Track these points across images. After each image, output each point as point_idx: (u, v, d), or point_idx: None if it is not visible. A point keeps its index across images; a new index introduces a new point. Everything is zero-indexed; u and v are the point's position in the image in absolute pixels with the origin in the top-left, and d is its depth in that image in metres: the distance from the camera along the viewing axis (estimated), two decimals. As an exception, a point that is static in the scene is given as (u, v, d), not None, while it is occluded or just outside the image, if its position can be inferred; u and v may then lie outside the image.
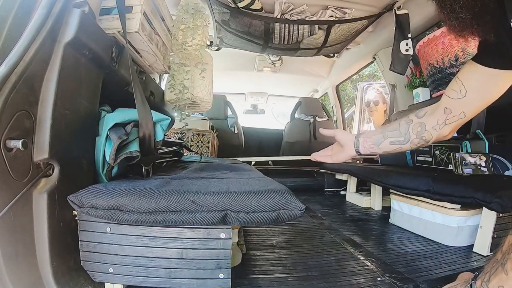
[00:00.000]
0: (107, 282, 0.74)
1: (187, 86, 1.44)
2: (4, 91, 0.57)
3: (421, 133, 0.82)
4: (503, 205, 0.97)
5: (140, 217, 0.67)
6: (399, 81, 2.40)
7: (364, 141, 0.89)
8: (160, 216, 0.67)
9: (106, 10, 0.97)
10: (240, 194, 0.70)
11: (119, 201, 0.66)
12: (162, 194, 0.69)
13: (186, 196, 0.69)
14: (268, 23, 2.04)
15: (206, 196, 0.69)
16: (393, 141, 0.86)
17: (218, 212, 0.67)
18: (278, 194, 0.71)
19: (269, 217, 0.69)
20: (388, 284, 0.86)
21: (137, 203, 0.67)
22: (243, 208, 0.68)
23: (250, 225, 0.71)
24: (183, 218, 0.67)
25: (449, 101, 0.77)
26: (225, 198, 0.69)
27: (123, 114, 0.92)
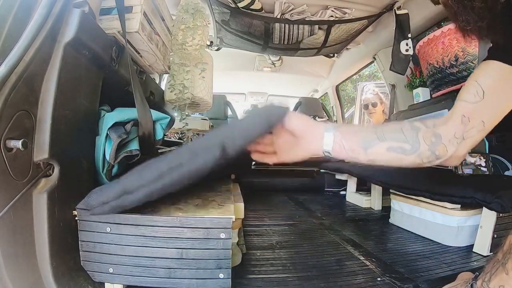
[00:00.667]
0: (107, 282, 0.74)
1: (187, 86, 1.44)
2: (4, 91, 0.57)
3: (435, 146, 0.64)
4: (503, 205, 0.97)
5: (149, 189, 0.65)
6: (399, 81, 2.40)
7: (342, 139, 0.65)
8: (166, 178, 0.65)
9: (106, 10, 0.97)
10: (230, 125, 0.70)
11: (124, 185, 0.66)
12: (160, 160, 0.68)
13: (181, 150, 0.68)
14: (268, 23, 2.04)
15: (200, 141, 0.69)
16: (393, 147, 0.65)
17: (216, 148, 0.64)
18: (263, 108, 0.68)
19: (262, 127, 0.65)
20: (388, 284, 0.86)
21: (140, 177, 0.66)
22: (237, 133, 0.65)
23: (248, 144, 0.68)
24: (187, 169, 0.65)
25: (466, 106, 0.64)
26: (218, 134, 0.68)
27: (122, 113, 0.92)
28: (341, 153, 0.65)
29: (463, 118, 0.63)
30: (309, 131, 0.66)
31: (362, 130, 0.67)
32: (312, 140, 0.66)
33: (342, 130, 0.66)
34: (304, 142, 0.67)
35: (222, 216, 0.72)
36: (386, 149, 0.64)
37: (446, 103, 1.77)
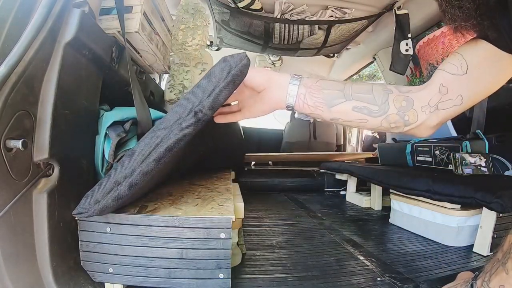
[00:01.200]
0: (107, 282, 0.74)
1: (187, 86, 1.44)
2: (4, 91, 0.57)
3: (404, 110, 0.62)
4: (503, 205, 0.98)
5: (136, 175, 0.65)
6: (399, 81, 2.40)
7: (307, 93, 0.63)
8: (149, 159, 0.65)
9: (106, 10, 0.97)
10: (195, 88, 0.67)
11: (112, 179, 0.65)
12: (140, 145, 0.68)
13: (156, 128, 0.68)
14: (268, 23, 2.05)
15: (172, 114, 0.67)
16: (359, 107, 0.62)
17: (188, 116, 0.65)
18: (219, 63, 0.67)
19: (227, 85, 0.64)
20: (388, 284, 0.86)
21: (124, 166, 0.66)
22: (202, 95, 0.65)
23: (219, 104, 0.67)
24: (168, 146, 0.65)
25: (446, 77, 0.62)
26: (186, 101, 0.66)
27: (121, 112, 0.92)
28: (304, 108, 0.63)
29: (441, 87, 0.62)
30: (272, 83, 0.64)
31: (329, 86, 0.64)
32: (275, 93, 0.64)
33: (308, 84, 0.63)
34: (266, 95, 0.65)
35: (222, 216, 0.72)
36: (352, 108, 0.62)
37: (446, 103, 1.77)
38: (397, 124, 0.62)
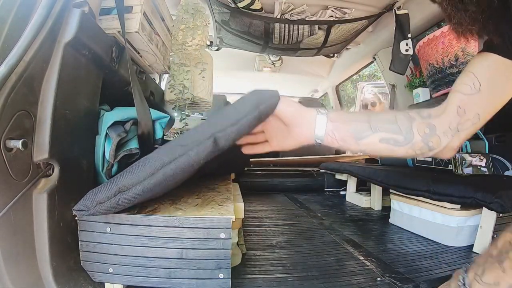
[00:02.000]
0: (107, 282, 0.74)
1: (187, 86, 1.44)
2: (4, 91, 0.57)
3: (428, 137, 0.63)
4: (503, 205, 0.98)
5: (143, 186, 0.65)
6: (399, 81, 2.40)
7: (334, 128, 0.64)
8: (159, 174, 0.65)
9: (106, 10, 0.97)
10: (219, 115, 0.68)
11: (118, 184, 0.65)
12: (152, 157, 0.68)
13: (172, 144, 0.67)
14: (268, 23, 2.05)
15: (189, 134, 0.67)
16: (386, 138, 0.64)
17: (207, 141, 0.64)
18: (251, 95, 0.67)
19: (253, 119, 0.64)
20: (388, 284, 0.86)
21: (134, 175, 0.65)
22: (227, 123, 0.65)
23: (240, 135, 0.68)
24: (180, 164, 0.65)
25: (462, 98, 0.63)
26: (208, 125, 0.67)
27: (122, 112, 0.92)
28: (333, 142, 0.65)
29: (458, 109, 0.63)
30: (300, 119, 0.65)
31: (354, 119, 0.65)
32: (304, 129, 0.66)
33: (334, 118, 0.65)
34: (295, 130, 0.66)
35: (222, 216, 0.72)
36: (379, 140, 0.63)
37: (446, 103, 1.77)
38: (422, 151, 0.65)
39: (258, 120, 0.65)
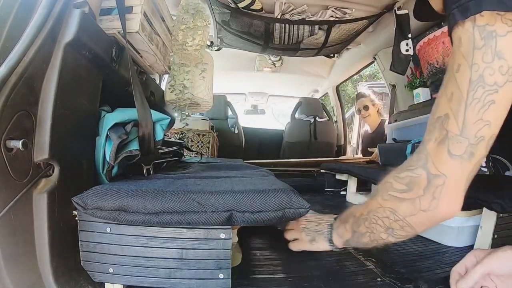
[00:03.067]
0: (107, 282, 0.74)
1: (187, 86, 1.44)
2: (4, 92, 0.57)
3: None
4: (503, 205, 0.97)
5: (145, 218, 0.67)
6: (399, 81, 2.40)
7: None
8: (165, 217, 0.67)
9: (106, 10, 0.97)
10: (245, 194, 0.70)
11: (124, 203, 0.66)
12: (167, 195, 0.69)
13: (191, 196, 0.69)
14: (268, 23, 2.05)
15: (210, 196, 0.69)
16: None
17: (223, 213, 0.68)
18: (283, 193, 0.71)
19: (275, 216, 0.69)
20: (388, 284, 0.86)
21: (143, 204, 0.67)
22: (248, 208, 0.68)
23: (255, 224, 0.70)
24: (188, 219, 0.67)
25: None
26: (230, 198, 0.69)
27: (122, 113, 0.92)
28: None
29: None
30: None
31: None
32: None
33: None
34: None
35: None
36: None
37: (447, 103, 1.76)
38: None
39: (279, 220, 0.71)
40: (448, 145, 0.53)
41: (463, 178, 0.56)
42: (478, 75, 0.48)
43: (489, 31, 0.46)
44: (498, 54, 0.46)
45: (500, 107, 0.49)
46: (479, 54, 0.48)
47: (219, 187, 0.77)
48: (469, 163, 0.54)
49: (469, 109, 0.50)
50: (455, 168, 0.54)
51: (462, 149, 0.52)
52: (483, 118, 0.50)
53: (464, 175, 0.55)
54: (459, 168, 0.54)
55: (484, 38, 0.47)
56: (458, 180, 0.56)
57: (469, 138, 0.52)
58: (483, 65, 0.47)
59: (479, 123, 0.50)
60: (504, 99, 0.49)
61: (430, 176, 0.56)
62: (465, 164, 0.54)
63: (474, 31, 0.48)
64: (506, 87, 0.47)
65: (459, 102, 0.51)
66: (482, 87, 0.48)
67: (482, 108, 0.49)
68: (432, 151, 0.55)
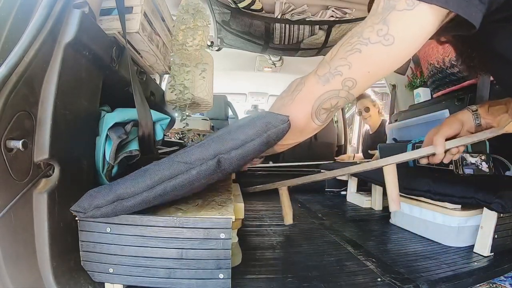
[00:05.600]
0: (107, 282, 0.74)
1: (187, 86, 1.44)
2: (4, 92, 0.57)
3: None
4: (504, 205, 0.97)
5: (142, 198, 0.66)
6: (399, 81, 2.40)
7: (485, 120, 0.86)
8: (159, 188, 0.65)
9: (106, 10, 0.98)
10: (225, 135, 0.67)
11: (117, 191, 0.66)
12: (153, 169, 0.68)
13: (176, 160, 0.67)
14: (268, 23, 2.05)
15: (194, 151, 0.67)
16: None
17: (210, 161, 0.65)
18: (260, 117, 0.67)
19: (260, 142, 0.65)
20: (388, 284, 0.86)
21: (134, 184, 0.66)
22: (232, 145, 0.65)
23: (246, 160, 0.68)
24: (180, 182, 0.65)
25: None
26: (213, 145, 0.66)
27: (122, 113, 0.93)
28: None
29: None
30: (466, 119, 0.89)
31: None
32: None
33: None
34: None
35: (222, 216, 0.72)
36: None
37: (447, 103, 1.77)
38: None
39: (266, 145, 0.67)
40: (319, 67, 0.63)
41: (313, 94, 0.63)
42: (361, 29, 0.57)
43: (391, 5, 0.54)
44: (385, 21, 0.54)
45: (364, 58, 0.57)
46: (373, 17, 0.57)
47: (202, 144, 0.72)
48: (322, 86, 0.62)
49: (342, 47, 0.59)
50: (311, 82, 0.64)
51: (323, 72, 0.61)
52: (346, 58, 0.58)
53: (314, 92, 0.63)
54: (313, 84, 0.63)
55: (384, 8, 0.55)
56: (309, 94, 0.64)
57: (331, 67, 0.60)
58: (369, 23, 0.57)
59: (342, 60, 0.59)
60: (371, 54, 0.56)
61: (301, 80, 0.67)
62: (319, 85, 0.62)
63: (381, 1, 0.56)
64: (376, 46, 0.55)
65: (341, 42, 0.61)
66: (357, 37, 0.57)
67: (350, 51, 0.58)
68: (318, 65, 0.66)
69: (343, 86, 0.61)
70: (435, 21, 0.53)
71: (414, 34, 0.54)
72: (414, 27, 0.54)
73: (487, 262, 1.02)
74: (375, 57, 0.57)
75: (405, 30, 0.54)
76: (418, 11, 0.52)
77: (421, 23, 0.54)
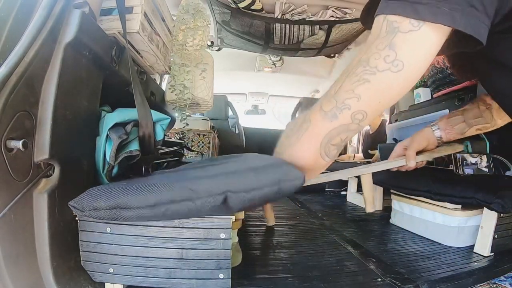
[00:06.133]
0: (107, 282, 0.74)
1: (187, 86, 1.44)
2: (4, 92, 0.57)
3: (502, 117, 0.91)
4: (504, 205, 0.97)
5: (141, 212, 0.65)
6: (400, 81, 2.39)
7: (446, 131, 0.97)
8: (161, 208, 0.65)
9: (106, 10, 0.97)
10: (237, 173, 0.67)
11: (119, 200, 0.65)
12: (160, 187, 0.67)
13: (184, 184, 0.66)
14: (268, 24, 2.05)
15: (203, 181, 0.67)
16: (479, 128, 0.95)
17: (218, 196, 0.64)
18: (276, 166, 0.67)
19: (270, 191, 0.65)
20: (388, 284, 0.86)
21: (137, 198, 0.65)
22: (242, 187, 0.65)
23: (253, 205, 0.68)
24: (184, 207, 0.65)
25: None
26: (222, 179, 0.66)
27: (123, 114, 0.93)
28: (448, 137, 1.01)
29: None
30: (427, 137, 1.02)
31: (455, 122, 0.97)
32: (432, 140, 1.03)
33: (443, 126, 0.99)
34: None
35: (222, 216, 0.72)
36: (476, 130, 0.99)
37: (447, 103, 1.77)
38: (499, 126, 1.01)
39: (275, 196, 0.67)
40: (324, 100, 0.60)
41: (321, 132, 0.60)
42: (367, 57, 0.54)
43: (395, 27, 0.51)
44: (390, 45, 0.51)
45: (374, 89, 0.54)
46: (377, 42, 0.53)
47: (212, 171, 0.74)
48: (330, 123, 0.59)
49: (348, 78, 0.56)
50: (317, 119, 0.60)
51: (329, 107, 0.58)
52: (354, 90, 0.55)
53: (321, 129, 0.60)
54: (320, 121, 0.60)
55: (387, 31, 0.52)
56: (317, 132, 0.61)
57: (337, 101, 0.57)
58: (374, 49, 0.53)
59: (349, 93, 0.55)
60: (380, 83, 0.53)
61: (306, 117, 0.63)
62: (326, 121, 0.59)
63: (383, 23, 0.53)
64: (385, 74, 0.52)
65: (346, 72, 0.58)
66: (363, 66, 0.54)
67: (357, 82, 0.54)
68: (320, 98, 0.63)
69: (353, 119, 0.57)
70: (441, 39, 0.51)
71: (423, 55, 0.52)
72: (422, 48, 0.51)
73: (487, 262, 1.02)
74: (385, 86, 0.54)
75: (413, 53, 0.51)
76: (424, 31, 0.50)
77: (428, 43, 0.51)
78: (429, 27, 0.49)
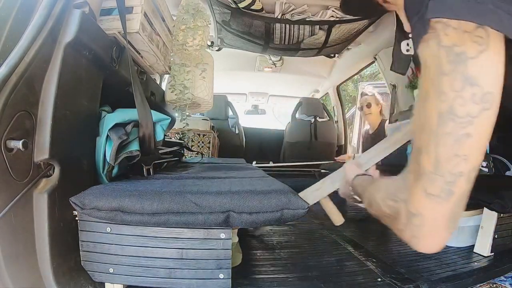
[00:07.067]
0: (107, 282, 0.74)
1: (187, 86, 1.44)
2: (4, 92, 0.57)
3: None
4: (504, 205, 0.97)
5: (142, 219, 0.67)
6: (400, 82, 2.40)
7: None
8: (162, 217, 0.67)
9: (106, 10, 0.97)
10: (242, 195, 0.70)
11: (121, 203, 0.66)
12: (164, 195, 0.69)
13: (188, 197, 0.68)
14: (268, 24, 2.04)
15: (208, 197, 0.69)
16: None
17: (220, 214, 0.67)
18: (281, 193, 0.70)
19: (272, 217, 0.68)
20: (388, 284, 0.86)
21: (139, 204, 0.66)
22: (245, 209, 0.68)
23: (253, 226, 0.70)
24: (185, 220, 0.67)
25: None
26: (227, 199, 0.68)
27: (123, 114, 0.92)
28: None
29: None
30: None
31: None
32: None
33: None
34: None
35: (222, 216, 0.72)
36: None
37: (447, 103, 1.76)
38: None
39: (277, 222, 0.69)
40: (423, 183, 0.47)
41: (444, 217, 0.48)
42: (448, 106, 0.42)
43: (457, 53, 0.40)
44: (470, 80, 0.40)
45: (478, 138, 0.43)
46: (448, 81, 0.41)
47: (217, 187, 0.76)
48: (448, 202, 0.47)
49: (441, 144, 0.44)
50: (432, 208, 0.48)
51: (437, 187, 0.46)
52: (458, 154, 0.44)
53: (444, 214, 0.48)
54: (437, 208, 0.47)
55: (451, 62, 0.41)
56: (438, 220, 0.48)
57: (444, 176, 0.45)
58: (452, 95, 0.41)
59: (454, 158, 0.44)
60: (482, 129, 0.43)
61: (409, 214, 0.50)
62: (444, 204, 0.47)
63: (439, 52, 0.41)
64: (483, 117, 0.42)
65: (429, 136, 0.45)
66: (452, 120, 0.42)
67: (456, 143, 0.43)
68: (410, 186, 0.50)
69: (468, 182, 0.48)
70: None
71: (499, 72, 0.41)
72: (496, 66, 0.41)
73: (487, 262, 1.02)
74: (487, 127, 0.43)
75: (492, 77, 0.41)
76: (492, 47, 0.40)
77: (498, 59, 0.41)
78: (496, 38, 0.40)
